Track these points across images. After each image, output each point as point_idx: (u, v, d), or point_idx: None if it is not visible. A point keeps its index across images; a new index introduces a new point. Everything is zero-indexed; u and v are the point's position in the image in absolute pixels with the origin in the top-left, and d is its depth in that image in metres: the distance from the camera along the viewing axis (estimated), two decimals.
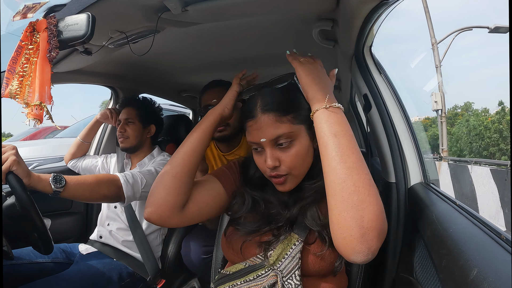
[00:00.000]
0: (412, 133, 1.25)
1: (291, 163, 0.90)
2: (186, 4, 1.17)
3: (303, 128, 0.91)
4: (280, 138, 0.89)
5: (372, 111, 1.29)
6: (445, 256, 0.73)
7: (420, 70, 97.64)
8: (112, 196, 1.42)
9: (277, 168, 0.91)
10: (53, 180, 1.17)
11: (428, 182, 1.19)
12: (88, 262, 1.58)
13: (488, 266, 0.58)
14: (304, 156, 0.92)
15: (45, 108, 0.90)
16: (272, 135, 0.89)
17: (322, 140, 0.81)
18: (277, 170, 0.91)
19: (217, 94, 1.70)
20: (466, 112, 27.91)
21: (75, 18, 0.90)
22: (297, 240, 0.89)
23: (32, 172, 1.14)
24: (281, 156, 0.90)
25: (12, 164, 1.07)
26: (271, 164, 0.90)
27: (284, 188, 0.94)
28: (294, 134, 0.89)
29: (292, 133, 0.89)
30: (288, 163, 0.90)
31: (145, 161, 1.83)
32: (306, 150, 0.92)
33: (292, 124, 0.89)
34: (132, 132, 1.81)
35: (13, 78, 0.88)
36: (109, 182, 1.40)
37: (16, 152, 1.09)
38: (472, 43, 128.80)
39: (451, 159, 10.45)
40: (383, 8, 1.00)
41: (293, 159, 0.90)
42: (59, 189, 1.18)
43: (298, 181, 0.95)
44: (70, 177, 1.24)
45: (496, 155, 20.90)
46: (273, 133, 0.89)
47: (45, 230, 1.11)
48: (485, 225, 0.74)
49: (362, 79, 1.33)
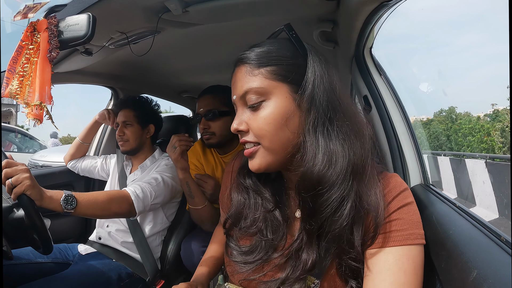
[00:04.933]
0: (412, 135, 1.24)
1: (258, 129, 0.72)
2: (187, 5, 1.17)
3: (284, 88, 0.72)
4: (247, 94, 0.73)
5: (372, 113, 1.29)
6: (444, 257, 0.73)
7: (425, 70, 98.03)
8: (123, 213, 1.43)
9: (245, 134, 0.75)
10: (64, 201, 1.17)
11: (428, 183, 1.19)
12: (87, 262, 1.58)
13: (488, 267, 0.58)
14: (278, 123, 0.71)
15: (45, 108, 0.90)
16: (240, 91, 0.74)
17: None
18: (245, 136, 0.75)
19: (204, 103, 1.67)
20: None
21: (76, 18, 0.91)
22: (313, 283, 0.75)
23: (44, 192, 1.14)
24: (250, 118, 0.74)
25: (27, 188, 1.07)
26: (234, 126, 0.75)
27: (253, 165, 0.76)
28: (266, 91, 0.72)
29: (262, 89, 0.71)
30: (255, 128, 0.73)
31: (147, 163, 1.83)
32: (283, 116, 0.71)
33: (266, 79, 0.72)
34: (131, 134, 1.80)
35: (13, 78, 0.89)
36: (121, 200, 1.40)
37: (30, 176, 1.09)
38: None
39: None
40: (384, 10, 1.01)
41: (262, 123, 0.71)
42: (70, 210, 1.19)
43: (272, 160, 0.74)
44: (82, 197, 1.24)
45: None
46: (241, 88, 0.74)
47: (45, 230, 1.11)
48: (485, 226, 0.74)
49: (362, 81, 1.33)
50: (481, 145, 17.41)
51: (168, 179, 1.65)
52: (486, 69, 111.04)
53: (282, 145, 0.72)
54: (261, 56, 0.74)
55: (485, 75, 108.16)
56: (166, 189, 1.62)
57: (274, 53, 0.74)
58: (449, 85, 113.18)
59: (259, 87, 0.72)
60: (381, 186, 0.73)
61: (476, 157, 8.61)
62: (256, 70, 0.73)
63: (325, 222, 0.70)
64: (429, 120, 29.68)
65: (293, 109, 0.72)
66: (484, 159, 7.66)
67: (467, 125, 21.22)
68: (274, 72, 0.72)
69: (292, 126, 0.72)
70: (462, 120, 24.01)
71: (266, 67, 0.72)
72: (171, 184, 1.65)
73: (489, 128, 18.58)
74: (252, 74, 0.73)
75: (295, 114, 0.72)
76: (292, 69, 0.73)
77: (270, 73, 0.72)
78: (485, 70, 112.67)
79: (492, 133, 17.61)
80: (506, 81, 15.07)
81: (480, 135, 18.54)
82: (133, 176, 1.82)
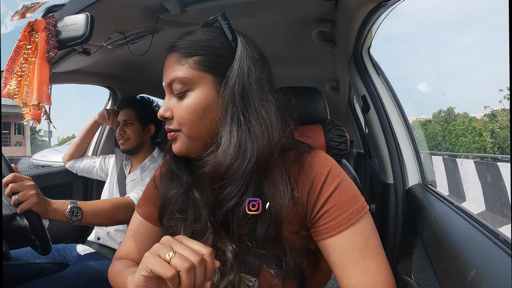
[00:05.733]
0: (410, 134, 1.25)
1: (180, 117, 0.74)
2: (185, 5, 1.17)
3: (208, 78, 0.73)
4: (173, 82, 0.74)
5: (370, 113, 1.29)
6: (443, 257, 0.73)
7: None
8: (127, 221, 1.43)
9: (169, 121, 0.77)
10: (69, 213, 1.19)
11: (426, 183, 1.20)
12: (86, 262, 1.58)
13: (487, 267, 0.58)
14: (198, 113, 0.73)
15: (43, 108, 0.89)
16: (168, 79, 0.75)
17: None
18: (168, 124, 0.77)
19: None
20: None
21: (74, 18, 0.90)
22: (250, 281, 0.74)
23: (49, 205, 1.15)
24: (175, 106, 0.75)
25: (33, 206, 1.08)
26: (160, 112, 0.77)
27: (174, 148, 0.78)
28: (190, 81, 0.73)
29: (187, 79, 0.73)
30: (178, 116, 0.74)
31: (147, 163, 1.82)
32: (203, 106, 0.73)
33: (192, 69, 0.73)
34: (132, 133, 1.80)
35: (11, 78, 0.88)
36: (125, 207, 1.41)
37: (37, 192, 1.09)
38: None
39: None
40: (382, 10, 1.01)
41: (183, 112, 0.73)
42: (76, 222, 1.21)
43: (191, 145, 0.76)
44: (87, 207, 1.25)
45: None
46: (169, 76, 0.75)
47: (44, 230, 1.11)
48: (483, 226, 0.74)
49: (361, 81, 1.33)
50: (473, 145, 18.49)
51: None
52: (486, 69, 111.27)
53: (201, 133, 0.75)
54: (190, 46, 0.74)
55: (485, 75, 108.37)
56: None
57: (203, 43, 0.75)
58: (448, 85, 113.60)
59: (184, 76, 0.73)
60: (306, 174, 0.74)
61: (468, 157, 9.57)
62: (183, 60, 0.74)
63: (229, 216, 0.71)
64: (427, 120, 30.20)
65: (214, 99, 0.73)
66: (474, 159, 8.65)
67: (460, 126, 22.08)
68: (200, 63, 0.73)
69: (211, 116, 0.74)
70: (456, 122, 24.90)
71: (193, 57, 0.73)
72: None
73: (480, 129, 19.68)
74: (179, 63, 0.74)
75: (216, 104, 0.73)
76: (219, 61, 0.74)
77: (196, 63, 0.73)
78: (485, 69, 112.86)
79: (484, 134, 18.39)
80: (505, 81, 15.38)
81: (472, 136, 19.55)
82: (132, 176, 1.81)
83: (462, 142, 20.07)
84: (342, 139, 1.66)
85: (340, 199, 0.71)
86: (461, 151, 18.19)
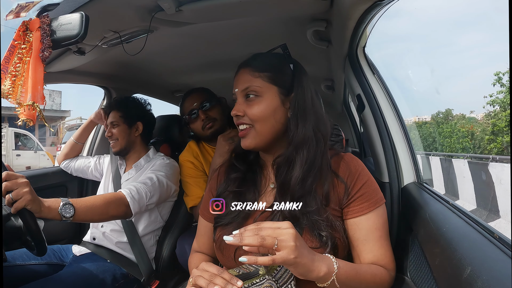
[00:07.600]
0: (405, 133, 1.26)
1: (254, 115, 0.96)
2: (180, 4, 1.16)
3: (274, 90, 0.97)
4: (247, 89, 0.97)
5: (365, 111, 1.29)
6: (438, 255, 0.74)
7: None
8: (120, 216, 1.45)
9: (241, 117, 0.98)
10: (62, 210, 1.17)
11: (422, 181, 1.20)
12: (81, 263, 1.57)
13: (482, 264, 0.58)
14: (269, 114, 0.96)
15: (37, 108, 0.89)
16: (242, 86, 0.98)
17: None
18: (241, 119, 0.98)
19: (194, 99, 1.79)
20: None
21: (69, 17, 0.90)
22: None
23: (43, 203, 1.14)
24: (247, 107, 0.97)
25: (27, 203, 1.07)
26: (234, 111, 0.99)
27: (244, 143, 0.99)
28: (262, 90, 0.96)
29: (260, 88, 0.96)
30: (251, 114, 0.96)
31: (141, 162, 1.82)
32: (271, 110, 0.96)
33: (263, 81, 0.97)
34: (119, 133, 1.80)
35: (5, 77, 0.87)
36: (117, 202, 1.41)
37: (30, 190, 1.08)
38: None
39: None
40: (377, 9, 1.01)
41: (256, 111, 0.96)
42: (69, 218, 1.19)
43: (261, 140, 0.98)
44: (79, 203, 1.24)
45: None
46: (244, 84, 0.98)
47: (39, 231, 1.10)
48: (478, 224, 0.75)
49: (356, 80, 1.33)
50: (457, 145, 20.93)
51: (163, 179, 1.64)
52: (486, 69, 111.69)
53: (269, 130, 0.97)
54: (261, 64, 0.99)
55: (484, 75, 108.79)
56: (161, 189, 1.62)
57: (272, 63, 1.01)
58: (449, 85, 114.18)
59: (257, 86, 0.96)
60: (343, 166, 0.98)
61: (459, 157, 10.63)
62: (256, 73, 0.97)
63: (295, 190, 0.92)
64: (423, 122, 30.97)
65: (279, 105, 0.98)
66: (467, 159, 9.52)
67: (447, 129, 24.16)
68: (270, 78, 0.97)
69: (277, 117, 0.97)
70: (444, 125, 26.48)
71: (264, 72, 0.97)
72: (166, 184, 1.65)
73: (464, 132, 22.29)
74: (253, 76, 0.97)
75: (280, 109, 0.98)
76: (282, 77, 0.99)
77: (268, 77, 0.97)
78: (487, 70, 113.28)
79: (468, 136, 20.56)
80: (504, 81, 15.95)
81: (456, 137, 21.87)
82: (127, 175, 1.81)
83: (447, 142, 22.26)
84: (337, 138, 1.67)
85: (370, 188, 0.95)
86: (447, 151, 20.53)
